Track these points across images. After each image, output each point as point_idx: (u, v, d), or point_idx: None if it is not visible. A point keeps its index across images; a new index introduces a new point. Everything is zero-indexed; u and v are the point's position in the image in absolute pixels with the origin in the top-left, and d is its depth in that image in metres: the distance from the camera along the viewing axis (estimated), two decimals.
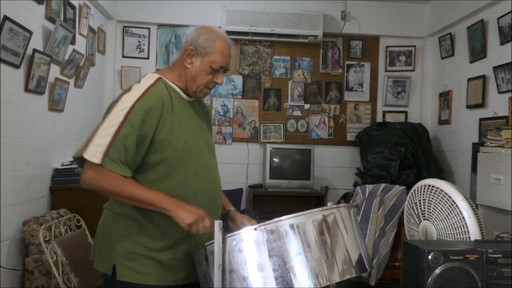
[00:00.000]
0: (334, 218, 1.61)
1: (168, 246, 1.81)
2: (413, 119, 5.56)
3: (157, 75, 1.88)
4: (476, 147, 4.10)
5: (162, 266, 1.81)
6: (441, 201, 2.10)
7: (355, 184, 5.29)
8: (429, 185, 2.17)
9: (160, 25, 5.38)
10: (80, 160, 1.73)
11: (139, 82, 1.85)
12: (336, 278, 1.55)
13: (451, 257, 1.77)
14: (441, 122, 5.21)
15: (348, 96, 5.60)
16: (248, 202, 5.21)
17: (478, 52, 4.45)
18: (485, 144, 3.44)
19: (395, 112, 5.61)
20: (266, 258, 1.51)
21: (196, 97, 1.96)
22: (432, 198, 2.14)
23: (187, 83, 1.90)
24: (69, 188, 3.77)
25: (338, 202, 4.50)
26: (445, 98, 5.12)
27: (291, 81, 5.54)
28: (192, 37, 1.88)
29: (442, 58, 5.21)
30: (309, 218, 1.56)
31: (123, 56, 5.36)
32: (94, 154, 1.68)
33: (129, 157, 1.73)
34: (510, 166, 3.01)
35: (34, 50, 3.27)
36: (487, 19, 4.32)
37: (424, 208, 2.19)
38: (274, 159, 5.15)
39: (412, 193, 2.30)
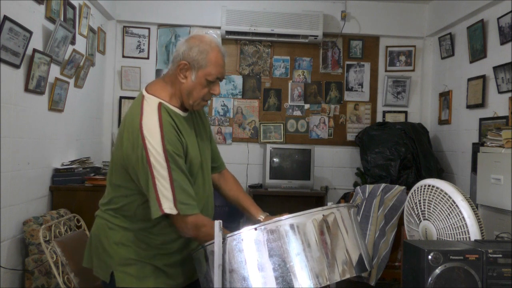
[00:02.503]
0: (334, 218, 1.61)
1: (164, 253, 1.83)
2: (413, 119, 5.56)
3: (156, 100, 1.80)
4: (476, 147, 4.10)
5: (160, 271, 1.83)
6: (441, 201, 2.10)
7: (355, 184, 5.29)
8: (429, 185, 2.17)
9: (160, 25, 5.38)
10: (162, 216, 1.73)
11: (141, 110, 1.76)
12: (337, 278, 1.55)
13: (451, 257, 1.77)
14: (441, 122, 5.21)
15: (348, 96, 5.60)
16: None
17: (478, 52, 4.45)
18: (485, 144, 3.44)
19: (395, 112, 5.61)
20: (266, 258, 1.51)
21: (192, 110, 1.91)
22: (432, 198, 2.14)
23: (183, 97, 1.84)
24: (69, 188, 3.77)
25: (338, 202, 4.49)
26: (445, 98, 5.12)
27: (291, 81, 5.54)
28: (184, 50, 1.80)
29: (442, 58, 5.21)
30: (309, 218, 1.56)
31: (123, 56, 5.37)
32: (170, 208, 1.68)
33: (192, 190, 1.76)
34: (510, 166, 3.01)
35: (34, 50, 3.27)
36: (487, 19, 4.32)
37: (424, 208, 2.19)
38: (274, 159, 5.15)
39: (412, 193, 2.29)
